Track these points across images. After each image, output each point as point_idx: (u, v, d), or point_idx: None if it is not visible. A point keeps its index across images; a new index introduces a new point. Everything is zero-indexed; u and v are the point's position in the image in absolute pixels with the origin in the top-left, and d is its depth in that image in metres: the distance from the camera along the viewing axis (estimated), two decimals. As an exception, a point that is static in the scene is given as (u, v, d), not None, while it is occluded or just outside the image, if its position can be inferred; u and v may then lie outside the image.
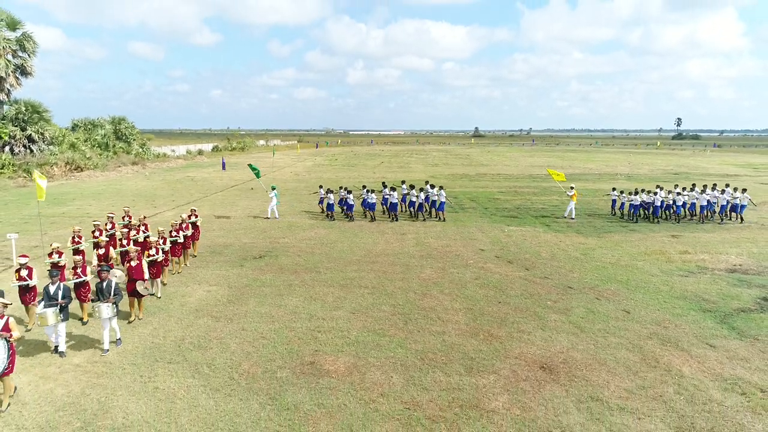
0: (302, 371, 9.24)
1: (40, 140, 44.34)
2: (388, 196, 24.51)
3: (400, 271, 15.68)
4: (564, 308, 12.54)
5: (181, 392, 8.50)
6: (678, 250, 18.74)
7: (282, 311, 12.23)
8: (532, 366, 9.51)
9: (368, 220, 24.10)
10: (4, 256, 17.35)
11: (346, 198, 23.91)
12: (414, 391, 8.58)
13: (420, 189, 25.12)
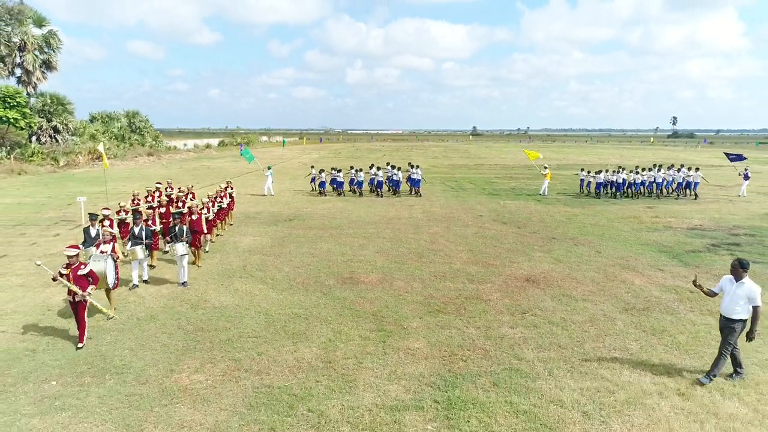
0: (344, 281, 12.12)
1: (64, 131, 47.06)
2: (375, 176, 27.69)
3: (412, 229, 18.55)
4: (547, 249, 15.44)
5: (255, 291, 11.38)
6: (650, 215, 21.69)
7: (318, 251, 15.10)
8: (519, 279, 12.40)
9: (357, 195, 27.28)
10: (69, 218, 20.15)
11: (334, 177, 27.21)
12: (430, 291, 11.47)
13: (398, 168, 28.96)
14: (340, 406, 6.66)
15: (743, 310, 6.97)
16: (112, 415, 6.46)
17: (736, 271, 7.06)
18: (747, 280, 7.02)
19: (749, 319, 7.02)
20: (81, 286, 8.40)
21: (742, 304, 6.96)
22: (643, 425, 6.22)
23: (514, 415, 6.45)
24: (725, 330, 7.14)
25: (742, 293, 6.96)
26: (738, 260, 7.14)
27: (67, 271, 8.45)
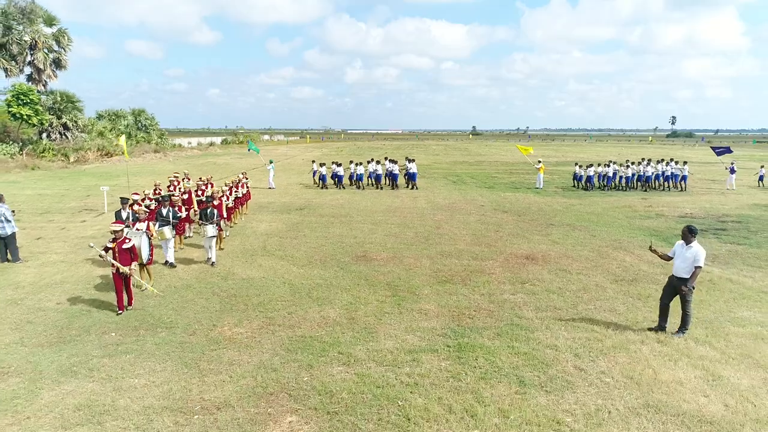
0: (358, 259, 13.18)
1: (73, 128, 48.07)
2: (374, 170, 28.87)
3: (417, 217, 19.62)
4: (545, 233, 16.52)
5: (278, 266, 12.44)
6: (644, 205, 22.77)
7: (331, 234, 16.16)
8: (519, 257, 13.47)
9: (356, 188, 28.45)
10: (91, 207, 21.21)
11: (335, 171, 28.51)
12: (437, 266, 12.53)
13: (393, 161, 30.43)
14: (365, 349, 7.73)
15: (691, 269, 8.00)
16: (170, 356, 7.53)
17: (686, 236, 8.15)
18: (695, 243, 8.08)
19: (690, 277, 8.04)
20: (125, 259, 9.30)
21: (690, 264, 8.01)
22: (626, 363, 7.29)
23: (515, 355, 7.52)
24: (677, 287, 8.13)
25: (690, 255, 8.01)
26: (687, 227, 8.22)
27: (112, 245, 9.41)
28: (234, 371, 7.03)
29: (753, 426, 5.73)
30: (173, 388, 6.57)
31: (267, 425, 5.75)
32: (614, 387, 6.60)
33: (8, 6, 42.50)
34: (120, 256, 9.23)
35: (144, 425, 5.74)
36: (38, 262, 12.67)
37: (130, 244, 9.52)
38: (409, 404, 6.15)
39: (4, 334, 8.30)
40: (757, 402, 6.22)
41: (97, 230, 16.61)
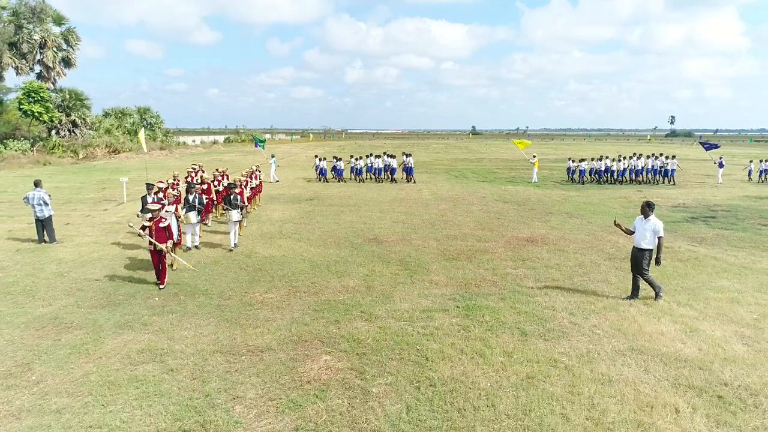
0: (369, 241, 14.16)
1: (82, 125, 49.04)
2: (372, 163, 30.06)
3: (422, 206, 20.60)
4: (544, 220, 17.50)
5: (296, 247, 13.42)
6: (639, 196, 23.75)
7: (342, 221, 17.14)
8: (520, 240, 14.45)
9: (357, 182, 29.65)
10: (109, 198, 22.18)
11: (335, 165, 29.87)
12: (444, 246, 13.51)
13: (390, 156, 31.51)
14: (384, 309, 8.71)
15: (650, 241, 8.98)
16: (211, 315, 8.50)
17: (645, 210, 9.17)
18: (653, 217, 9.08)
19: (656, 249, 9.03)
20: (161, 237, 10.03)
21: (649, 236, 8.99)
22: (614, 319, 8.28)
23: (517, 314, 8.51)
24: (637, 257, 9.13)
25: (649, 227, 9.01)
26: (646, 202, 9.27)
27: (150, 223, 10.24)
28: (270, 325, 8.01)
29: (721, 363, 6.71)
30: (220, 337, 7.55)
31: (306, 362, 6.73)
32: (604, 336, 7.59)
33: (19, 6, 43.42)
34: (156, 234, 9.98)
35: (200, 363, 6.72)
36: (73, 243, 13.64)
37: (165, 223, 10.30)
38: (427, 348, 7.13)
39: (59, 299, 9.27)
40: (726, 347, 7.20)
41: (120, 217, 17.57)
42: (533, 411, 5.58)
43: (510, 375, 6.40)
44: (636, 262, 9.16)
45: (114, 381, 6.25)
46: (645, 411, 5.57)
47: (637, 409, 5.60)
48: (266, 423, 5.40)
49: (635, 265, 9.22)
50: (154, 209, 10.30)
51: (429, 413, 5.56)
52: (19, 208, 19.35)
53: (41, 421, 5.41)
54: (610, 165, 30.22)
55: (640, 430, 5.25)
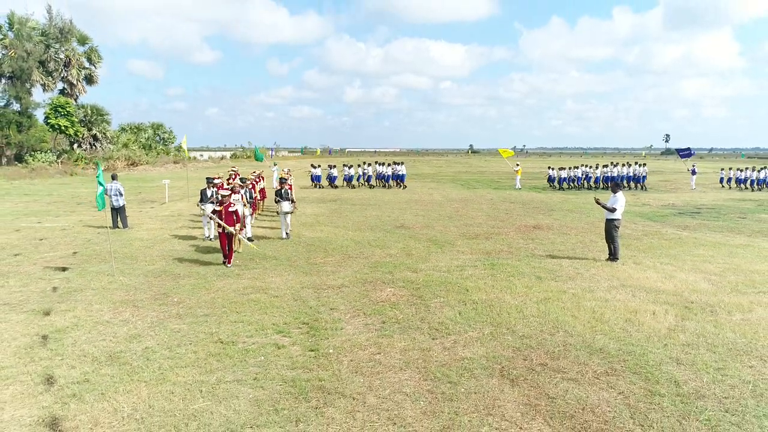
0: (396, 227, 16.34)
1: (102, 139, 51.39)
2: (364, 171, 33.66)
3: (437, 205, 22.82)
4: (548, 214, 19.73)
5: (335, 231, 15.58)
6: (631, 199, 26.03)
7: (368, 215, 19.33)
8: (528, 227, 16.65)
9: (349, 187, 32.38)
10: (150, 199, 24.34)
11: (329, 173, 33.14)
12: (463, 231, 15.69)
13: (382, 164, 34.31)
14: (425, 266, 10.87)
15: (617, 213, 11.23)
16: (288, 269, 10.64)
17: (613, 188, 11.52)
18: (618, 194, 11.37)
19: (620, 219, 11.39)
20: (229, 220, 11.41)
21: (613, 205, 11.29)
22: (610, 271, 10.44)
23: (532, 268, 10.68)
24: (609, 226, 11.36)
25: (614, 201, 11.28)
26: (614, 183, 11.57)
27: (220, 208, 12.00)
28: (338, 274, 10.17)
29: (689, 293, 8.87)
30: (302, 281, 9.70)
31: (376, 292, 8.88)
32: (601, 279, 9.77)
33: (49, 26, 46.05)
34: (226, 217, 11.37)
35: (296, 293, 8.86)
36: (143, 229, 15.80)
37: (234, 208, 12.08)
38: (465, 285, 9.29)
39: (157, 262, 11.41)
40: (695, 286, 9.37)
41: (170, 213, 19.74)
42: (551, 314, 7.73)
43: (531, 297, 8.56)
44: (608, 231, 11.40)
45: (236, 302, 8.38)
46: (631, 313, 7.72)
47: (625, 313, 7.76)
48: (360, 320, 7.53)
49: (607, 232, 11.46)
50: (224, 194, 12.19)
51: (475, 315, 7.70)
52: (74, 206, 21.51)
53: (196, 320, 7.52)
54: (586, 172, 32.80)
55: (628, 322, 7.39)
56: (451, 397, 5.26)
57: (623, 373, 5.80)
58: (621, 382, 5.58)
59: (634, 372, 5.82)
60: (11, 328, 7.22)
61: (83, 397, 5.24)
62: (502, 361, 6.11)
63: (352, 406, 5.07)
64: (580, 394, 5.31)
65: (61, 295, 8.77)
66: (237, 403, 5.11)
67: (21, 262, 11.28)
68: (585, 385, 5.52)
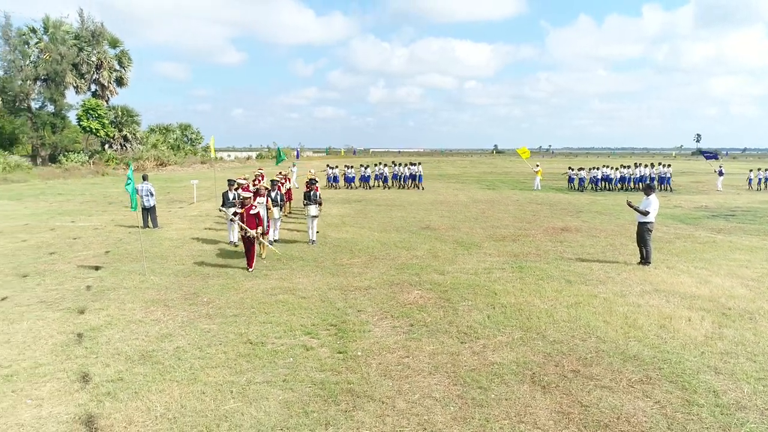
0: (423, 228, 16.27)
1: (132, 140, 52.48)
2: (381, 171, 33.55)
3: (462, 206, 22.66)
4: (576, 216, 19.41)
5: (361, 232, 15.59)
6: (662, 201, 25.41)
7: (394, 216, 19.30)
8: (556, 229, 16.40)
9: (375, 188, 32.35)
10: (178, 199, 24.75)
11: (345, 173, 33.24)
12: (490, 233, 15.54)
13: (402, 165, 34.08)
14: (452, 268, 10.79)
15: (650, 216, 10.92)
16: (315, 270, 10.68)
17: (646, 190, 11.17)
18: (652, 197, 11.02)
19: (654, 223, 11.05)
20: (251, 223, 11.12)
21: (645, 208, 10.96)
22: (642, 275, 10.20)
23: (561, 271, 10.50)
24: (641, 229, 11.04)
25: (648, 203, 10.96)
26: (647, 185, 11.24)
27: (242, 210, 11.94)
28: (365, 276, 10.16)
29: (726, 298, 8.61)
30: (329, 282, 9.72)
31: (403, 294, 8.85)
32: (633, 283, 9.55)
33: (82, 30, 47.23)
34: (247, 220, 11.07)
35: (323, 294, 8.88)
36: (172, 228, 16.06)
37: (255, 211, 11.69)
38: (493, 288, 9.19)
39: (186, 261, 11.57)
40: (732, 291, 9.08)
41: (198, 213, 20.04)
42: (582, 319, 7.58)
43: (561, 302, 8.41)
44: (640, 235, 11.12)
45: (264, 302, 8.45)
46: (666, 319, 7.53)
47: (659, 319, 7.56)
48: (388, 323, 7.50)
49: (639, 235, 11.17)
50: (246, 197, 11.91)
51: (504, 319, 7.61)
52: (106, 206, 22.01)
53: (225, 321, 7.60)
54: (607, 173, 32.11)
55: (662, 328, 7.20)
56: (482, 403, 5.19)
57: (659, 381, 5.65)
58: (657, 390, 5.44)
59: (670, 381, 5.66)
60: (48, 325, 7.40)
61: (117, 396, 5.33)
62: (533, 367, 6.01)
63: (381, 410, 5.05)
64: (614, 403, 5.18)
65: (95, 294, 8.96)
66: (267, 405, 5.13)
67: (56, 261, 11.58)
68: (619, 393, 5.39)
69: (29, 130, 45.80)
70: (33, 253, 12.49)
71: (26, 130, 45.91)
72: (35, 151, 46.77)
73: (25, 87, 44.03)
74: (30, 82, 44.50)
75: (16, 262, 11.43)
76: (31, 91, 45.14)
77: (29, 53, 44.83)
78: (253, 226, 10.87)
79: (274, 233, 14.63)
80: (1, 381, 5.69)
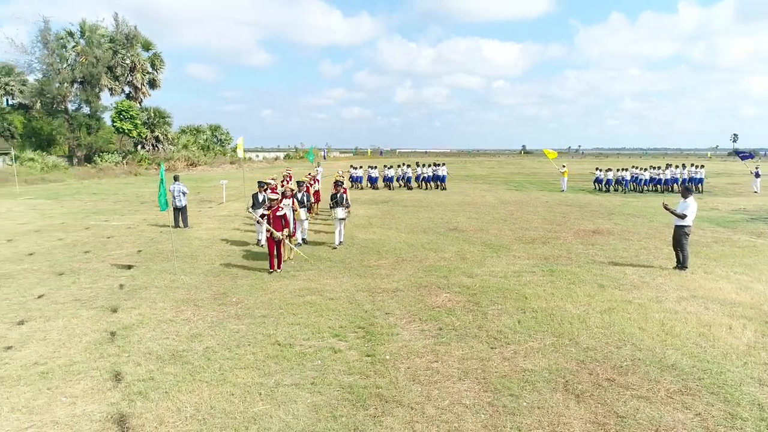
0: (451, 230, 16.12)
1: (164, 140, 53.55)
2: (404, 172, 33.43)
3: (490, 208, 22.40)
4: (608, 218, 18.98)
5: (388, 233, 15.53)
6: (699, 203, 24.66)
7: (421, 217, 19.18)
8: (587, 231, 16.05)
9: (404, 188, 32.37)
10: (207, 199, 25.10)
11: (368, 173, 33.26)
12: (518, 235, 15.30)
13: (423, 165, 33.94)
14: (481, 271, 10.64)
15: (688, 219, 10.52)
16: (342, 272, 10.65)
17: (684, 193, 10.79)
18: (689, 199, 10.62)
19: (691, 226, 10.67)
20: (277, 225, 11.02)
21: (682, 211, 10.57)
22: (678, 280, 9.88)
23: (594, 276, 10.25)
24: (678, 233, 10.66)
25: (685, 205, 10.56)
26: (684, 187, 10.82)
27: (268, 212, 11.49)
28: (392, 278, 10.10)
29: (769, 306, 8.27)
30: (357, 283, 9.68)
31: (431, 297, 8.75)
32: (669, 289, 9.25)
33: (117, 33, 48.41)
34: (273, 222, 10.97)
35: (351, 296, 8.85)
36: (202, 228, 16.28)
37: (282, 213, 11.42)
38: (523, 292, 9.01)
39: (216, 261, 11.70)
40: (776, 298, 8.72)
41: (227, 213, 20.28)
42: (616, 325, 7.37)
43: (594, 307, 8.20)
44: (677, 238, 10.76)
45: (292, 303, 8.46)
46: (705, 327, 7.25)
47: (698, 326, 7.29)
48: (416, 326, 7.42)
49: (676, 239, 10.81)
50: (273, 198, 11.77)
51: (535, 324, 7.44)
52: (138, 205, 22.46)
53: (254, 321, 7.62)
54: (636, 174, 31.29)
55: (702, 336, 6.94)
56: (513, 411, 5.07)
57: (699, 392, 5.43)
58: (697, 402, 5.23)
59: (711, 392, 5.44)
60: (82, 323, 7.54)
61: (148, 395, 5.38)
62: (566, 375, 5.85)
63: (410, 416, 4.97)
64: (652, 414, 5.00)
65: (127, 293, 9.12)
66: (295, 408, 5.11)
67: (90, 259, 11.84)
68: (657, 404, 5.20)
69: (66, 132, 47.15)
70: (68, 251, 12.81)
71: (63, 131, 47.27)
72: (71, 151, 48.11)
73: (63, 89, 45.33)
74: (67, 84, 45.80)
75: (52, 260, 11.73)
76: (68, 94, 46.45)
77: (67, 57, 46.14)
78: (279, 228, 10.83)
79: (301, 235, 14.59)
80: (37, 378, 5.82)
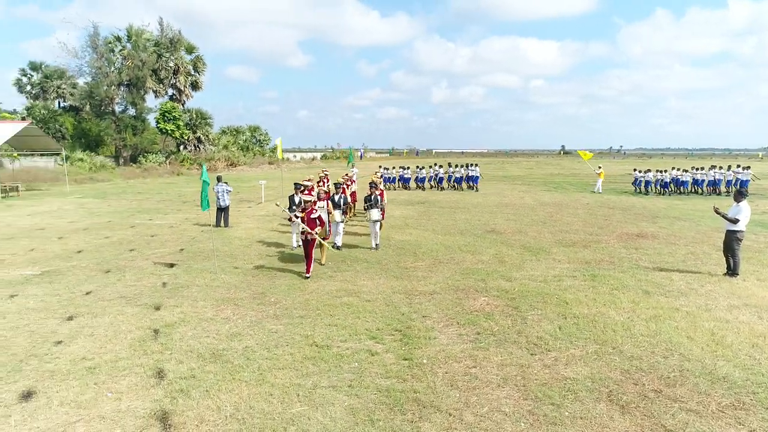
0: (488, 232, 15.90)
1: (205, 141, 54.85)
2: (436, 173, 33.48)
3: (529, 209, 22.01)
4: (652, 221, 18.37)
5: (425, 235, 15.44)
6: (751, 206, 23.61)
7: (458, 218, 19.00)
8: (630, 235, 15.57)
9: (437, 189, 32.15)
10: (246, 199, 25.54)
11: (402, 174, 33.32)
12: (558, 238, 14.96)
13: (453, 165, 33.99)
14: (519, 274, 10.45)
15: (740, 224, 9.99)
16: (379, 273, 10.64)
17: (736, 197, 10.26)
18: (742, 204, 10.10)
19: (744, 231, 10.21)
20: (312, 226, 10.92)
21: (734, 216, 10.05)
22: (728, 287, 9.45)
23: (637, 281, 9.92)
24: (730, 238, 10.19)
25: (737, 210, 10.05)
26: (737, 190, 10.30)
27: (302, 213, 11.46)
28: (429, 280, 10.02)
29: (830, 317, 7.81)
30: (393, 285, 9.65)
31: (469, 300, 8.64)
32: (719, 296, 8.86)
33: (161, 37, 49.89)
34: (308, 224, 10.83)
35: (388, 298, 8.83)
36: (242, 228, 16.58)
37: (316, 214, 11.25)
38: (564, 297, 8.80)
39: (254, 260, 11.87)
40: (837, 308, 8.24)
41: (265, 213, 20.58)
42: (662, 334, 7.10)
43: (639, 314, 7.93)
44: (728, 243, 10.30)
45: (329, 304, 8.50)
46: (758, 338, 6.91)
47: (751, 337, 6.96)
48: (453, 330, 7.34)
49: (727, 245, 10.34)
50: (308, 200, 11.73)
51: (577, 331, 7.25)
52: (180, 204, 23.05)
53: (292, 322, 7.69)
54: (677, 176, 30.12)
55: (755, 348, 6.61)
56: (555, 421, 4.94)
57: (753, 407, 5.17)
58: (751, 418, 4.98)
59: (766, 407, 5.17)
60: (127, 320, 7.77)
61: (190, 393, 5.48)
62: (610, 385, 5.67)
63: (448, 423, 4.91)
64: (702, 429, 4.79)
65: (170, 291, 9.35)
66: (333, 410, 5.12)
67: (135, 258, 12.20)
68: (708, 418, 4.97)
69: (113, 132, 48.85)
70: (115, 249, 13.24)
71: (110, 132, 49.00)
72: (118, 152, 49.79)
73: (110, 92, 46.99)
74: (114, 87, 47.44)
75: (99, 258, 12.15)
76: (115, 96, 48.12)
77: (114, 60, 47.81)
78: (313, 228, 10.77)
79: (336, 238, 14.38)
80: (85, 373, 6.02)
